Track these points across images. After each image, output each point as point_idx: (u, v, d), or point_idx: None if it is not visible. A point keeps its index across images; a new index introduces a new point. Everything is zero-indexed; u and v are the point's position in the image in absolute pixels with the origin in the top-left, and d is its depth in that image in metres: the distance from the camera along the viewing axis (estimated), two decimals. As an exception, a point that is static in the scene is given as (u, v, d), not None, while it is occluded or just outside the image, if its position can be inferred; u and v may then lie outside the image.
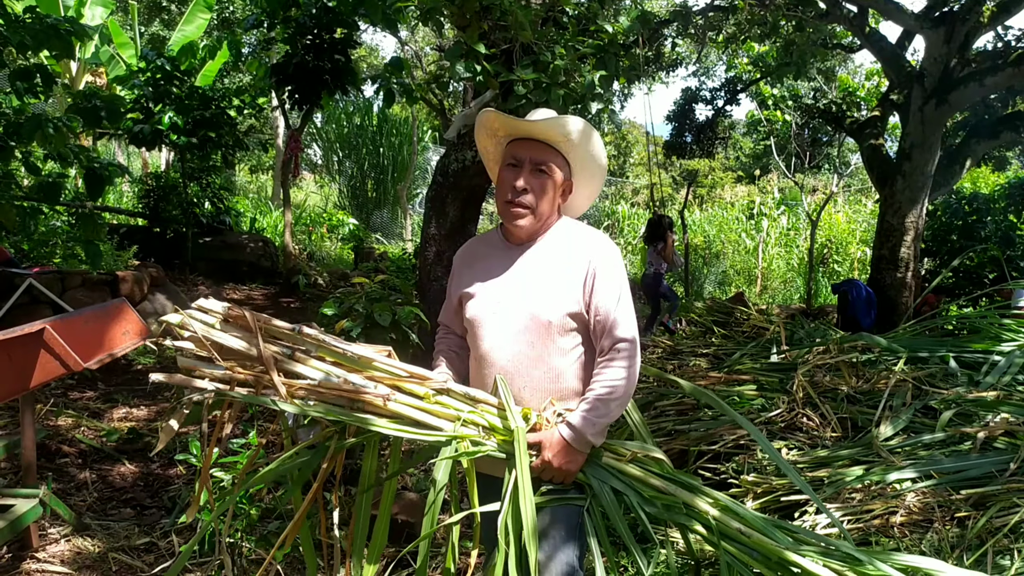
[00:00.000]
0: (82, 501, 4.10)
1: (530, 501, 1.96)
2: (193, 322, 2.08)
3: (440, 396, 2.16)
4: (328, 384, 2.06)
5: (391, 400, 2.07)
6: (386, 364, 2.14)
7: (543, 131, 2.24)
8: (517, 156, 2.26)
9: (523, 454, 2.02)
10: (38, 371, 2.66)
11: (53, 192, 5.89)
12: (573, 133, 2.24)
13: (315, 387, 2.06)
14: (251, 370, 2.06)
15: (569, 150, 2.28)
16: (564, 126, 2.22)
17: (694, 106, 13.38)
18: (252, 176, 25.90)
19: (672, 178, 29.66)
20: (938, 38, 8.34)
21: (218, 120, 9.65)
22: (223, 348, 2.07)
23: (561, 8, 5.02)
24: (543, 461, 2.09)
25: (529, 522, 1.92)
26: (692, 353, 6.58)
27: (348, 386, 2.06)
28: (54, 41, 5.41)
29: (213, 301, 2.16)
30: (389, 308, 4.35)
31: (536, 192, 2.22)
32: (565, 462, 2.09)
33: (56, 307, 6.79)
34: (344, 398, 2.08)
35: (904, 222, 8.48)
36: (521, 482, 1.98)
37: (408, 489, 4.28)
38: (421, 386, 2.14)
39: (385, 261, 13.10)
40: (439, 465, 2.04)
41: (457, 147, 5.54)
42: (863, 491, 3.65)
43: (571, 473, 2.11)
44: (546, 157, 2.25)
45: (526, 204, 2.22)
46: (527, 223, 2.24)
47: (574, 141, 2.25)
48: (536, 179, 2.23)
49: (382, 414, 2.08)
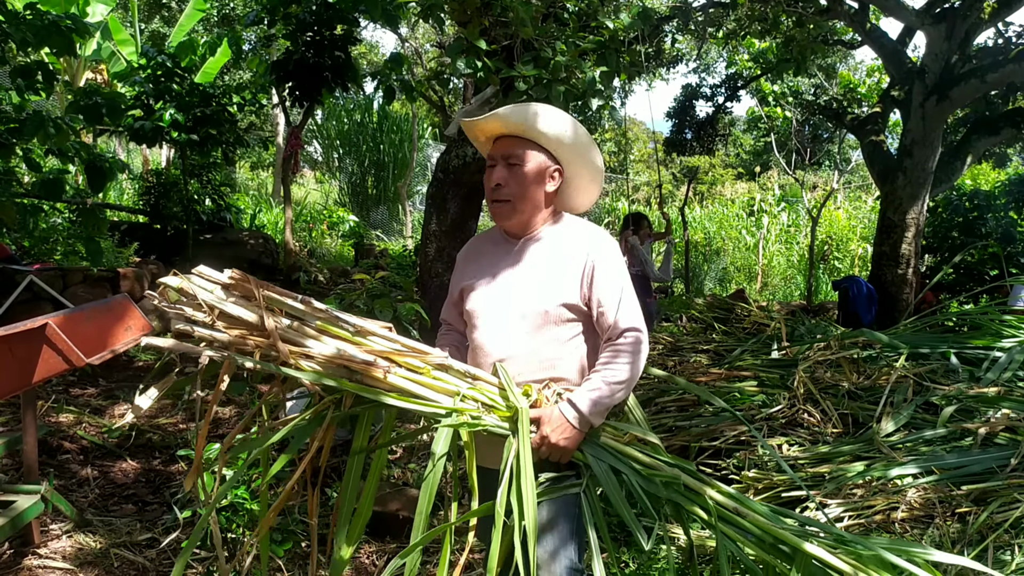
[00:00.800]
0: (84, 497, 4.10)
1: (531, 482, 1.96)
2: (194, 287, 2.04)
3: (439, 372, 2.15)
4: (331, 353, 2.05)
5: (391, 373, 2.06)
6: (387, 337, 2.14)
7: (500, 125, 2.27)
8: (492, 155, 2.31)
9: (525, 435, 2.02)
10: (40, 367, 2.66)
11: (54, 189, 5.89)
12: (531, 118, 2.23)
13: (318, 356, 2.04)
14: (255, 338, 2.04)
15: (537, 137, 2.26)
16: (520, 115, 2.23)
17: (694, 103, 13.38)
18: (253, 173, 25.92)
19: (673, 175, 29.66)
20: (939, 34, 8.34)
21: (219, 117, 9.64)
22: (224, 315, 2.05)
23: (562, 4, 5.02)
24: (541, 436, 2.09)
25: (530, 506, 1.92)
26: (693, 349, 6.59)
27: (350, 357, 2.04)
28: (55, 38, 5.40)
29: (213, 271, 2.12)
30: (390, 304, 4.36)
31: (511, 184, 2.24)
32: (563, 439, 2.09)
33: (57, 304, 6.79)
34: (344, 369, 2.07)
35: (905, 218, 8.48)
36: (523, 462, 1.97)
37: (410, 485, 4.28)
38: (420, 360, 2.13)
39: (385, 258, 13.12)
40: (438, 437, 2.04)
41: (457, 144, 5.54)
42: (864, 487, 3.65)
43: (568, 451, 2.11)
44: (514, 149, 2.26)
45: (504, 198, 2.25)
46: (511, 216, 2.27)
47: (538, 128, 2.24)
48: (509, 172, 2.25)
49: (382, 388, 2.08)
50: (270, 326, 2.00)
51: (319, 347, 2.06)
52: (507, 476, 1.97)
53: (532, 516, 1.92)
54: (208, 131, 9.50)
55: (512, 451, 2.01)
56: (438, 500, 3.73)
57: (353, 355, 2.04)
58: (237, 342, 2.03)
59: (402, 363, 2.12)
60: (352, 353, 2.05)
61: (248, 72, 15.97)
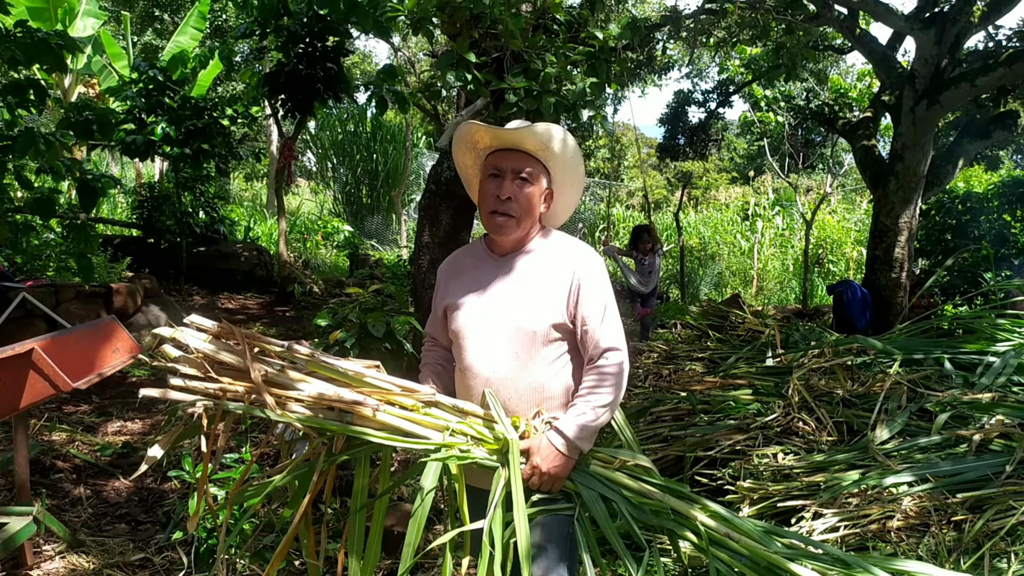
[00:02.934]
0: (76, 517, 4.08)
1: (523, 512, 1.96)
2: (187, 336, 2.08)
3: (429, 408, 2.16)
4: (318, 395, 2.06)
5: (380, 411, 2.07)
6: (375, 379, 2.15)
7: (524, 140, 2.25)
8: (499, 166, 2.27)
9: (516, 467, 2.03)
10: (27, 392, 2.65)
11: (46, 207, 5.87)
12: (553, 142, 2.25)
13: (306, 399, 2.06)
14: (244, 383, 2.06)
15: (549, 158, 2.29)
16: (544, 135, 2.23)
17: (687, 108, 13.39)
18: (247, 184, 25.90)
19: (667, 180, 29.71)
20: (928, 39, 8.35)
21: (211, 130, 9.64)
22: (216, 361, 2.07)
23: (551, 15, 5.02)
24: (532, 467, 2.09)
25: (523, 536, 1.92)
26: (688, 357, 6.57)
27: (338, 396, 2.06)
28: (45, 55, 5.40)
29: (203, 318, 2.16)
30: (383, 318, 4.34)
31: (519, 201, 2.23)
32: (553, 467, 2.09)
33: (50, 320, 6.77)
34: (334, 410, 2.08)
35: (898, 222, 8.48)
36: (515, 494, 1.98)
37: (404, 499, 4.27)
38: (410, 398, 2.14)
39: (380, 267, 13.10)
40: (427, 471, 2.05)
41: (450, 155, 5.50)
42: (860, 495, 3.64)
43: (560, 478, 2.11)
44: (527, 166, 2.26)
45: (510, 213, 2.23)
46: (512, 232, 2.26)
47: (554, 150, 2.26)
48: (519, 188, 2.24)
49: (372, 426, 2.09)
50: (255, 377, 2.02)
51: (308, 388, 2.08)
52: (494, 507, 1.98)
53: (525, 542, 1.92)
54: (200, 144, 9.50)
55: (502, 482, 2.01)
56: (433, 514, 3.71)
57: (341, 395, 2.05)
58: (229, 389, 2.05)
59: (392, 400, 2.13)
60: (340, 393, 2.06)
61: (241, 84, 15.97)
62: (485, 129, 2.29)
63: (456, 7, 4.35)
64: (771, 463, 4.12)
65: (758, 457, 4.18)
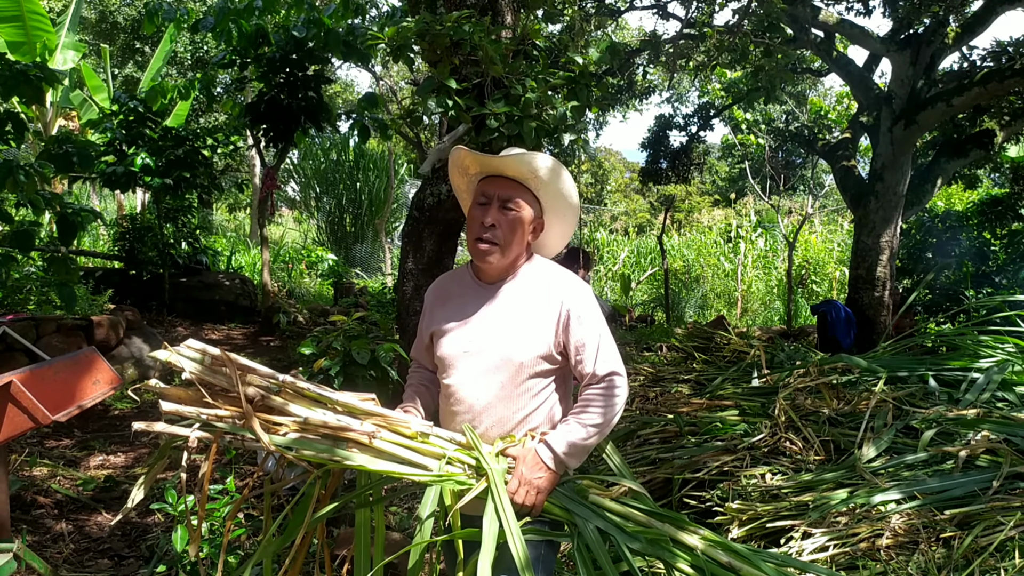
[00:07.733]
0: (59, 553, 4.01)
1: (519, 539, 1.95)
2: (183, 359, 2.06)
3: (425, 436, 2.16)
4: (313, 422, 2.04)
5: (376, 438, 2.05)
6: (370, 410, 2.13)
7: (511, 168, 2.23)
8: (486, 193, 2.25)
9: (501, 491, 2.01)
10: (6, 425, 2.60)
11: (26, 241, 5.83)
12: (541, 170, 2.23)
13: (300, 425, 2.04)
14: (235, 408, 2.05)
15: (538, 187, 2.27)
16: (532, 163, 2.22)
17: (668, 132, 13.48)
18: (230, 215, 25.85)
19: (650, 204, 29.86)
20: (904, 60, 8.48)
21: (192, 160, 9.61)
22: (211, 386, 2.06)
23: (531, 41, 5.05)
24: (516, 476, 2.08)
25: (521, 552, 1.92)
26: (674, 379, 6.57)
27: (334, 422, 2.04)
28: (24, 87, 5.40)
29: (202, 344, 2.14)
30: (368, 345, 4.33)
31: (504, 228, 2.21)
32: (536, 478, 2.08)
33: (31, 354, 6.69)
34: (329, 437, 2.06)
35: (879, 242, 8.56)
36: (507, 524, 1.97)
37: (391, 528, 4.22)
38: (406, 427, 2.14)
39: (365, 295, 13.05)
40: (427, 497, 2.05)
41: (432, 181, 5.53)
42: (848, 514, 3.63)
43: (543, 491, 2.09)
44: (514, 194, 2.24)
45: (495, 240, 2.20)
46: (496, 260, 2.23)
47: (543, 178, 2.24)
48: (504, 216, 2.22)
49: (368, 455, 2.07)
50: (247, 409, 2.00)
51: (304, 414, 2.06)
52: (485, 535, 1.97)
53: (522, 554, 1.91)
54: (182, 174, 9.47)
55: (491, 512, 2.00)
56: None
57: (339, 423, 2.04)
58: (224, 415, 2.04)
59: (388, 427, 2.12)
60: (337, 421, 2.05)
61: (223, 115, 16.01)
62: (472, 156, 2.28)
63: (436, 34, 4.37)
64: (759, 483, 4.11)
65: (746, 478, 4.17)
